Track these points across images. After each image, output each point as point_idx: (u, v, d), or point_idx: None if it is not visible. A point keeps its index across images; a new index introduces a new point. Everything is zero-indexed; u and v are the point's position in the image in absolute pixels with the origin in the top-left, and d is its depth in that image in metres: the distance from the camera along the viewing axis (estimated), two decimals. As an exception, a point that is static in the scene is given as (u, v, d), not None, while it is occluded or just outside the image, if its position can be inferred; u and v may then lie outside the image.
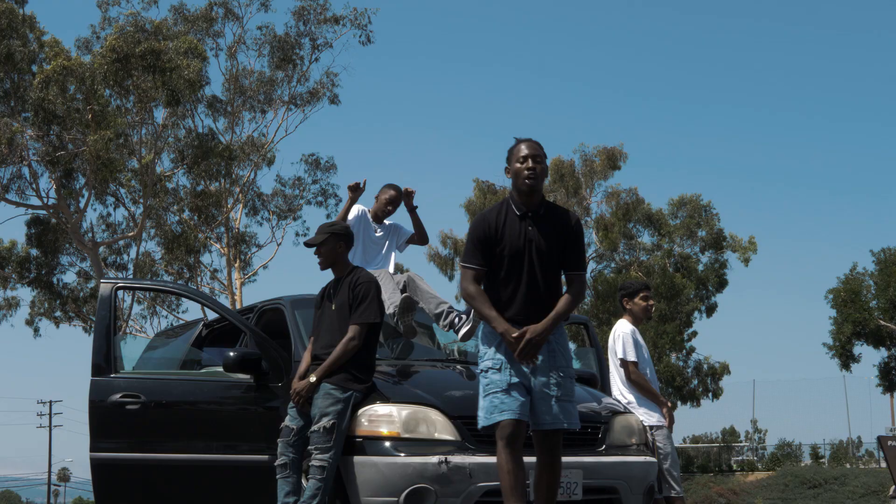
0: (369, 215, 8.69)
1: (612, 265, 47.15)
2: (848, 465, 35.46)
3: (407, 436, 6.74)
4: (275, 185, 36.99)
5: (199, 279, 34.50)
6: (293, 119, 36.11)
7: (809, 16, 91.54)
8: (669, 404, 8.45)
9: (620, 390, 8.39)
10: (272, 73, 35.17)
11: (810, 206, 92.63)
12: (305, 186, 36.64)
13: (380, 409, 6.85)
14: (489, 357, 5.96)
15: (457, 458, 6.56)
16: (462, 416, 6.71)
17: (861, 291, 38.33)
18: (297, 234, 37.49)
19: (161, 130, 29.88)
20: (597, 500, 6.99)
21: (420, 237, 8.88)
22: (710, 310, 46.07)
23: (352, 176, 78.92)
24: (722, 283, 46.25)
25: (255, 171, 34.80)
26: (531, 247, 5.96)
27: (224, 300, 36.54)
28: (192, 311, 33.10)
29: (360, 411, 6.90)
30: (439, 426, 6.74)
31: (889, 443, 19.20)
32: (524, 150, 6.04)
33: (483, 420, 5.93)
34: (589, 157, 44.16)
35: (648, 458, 7.43)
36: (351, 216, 8.57)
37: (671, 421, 8.42)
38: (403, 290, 8.27)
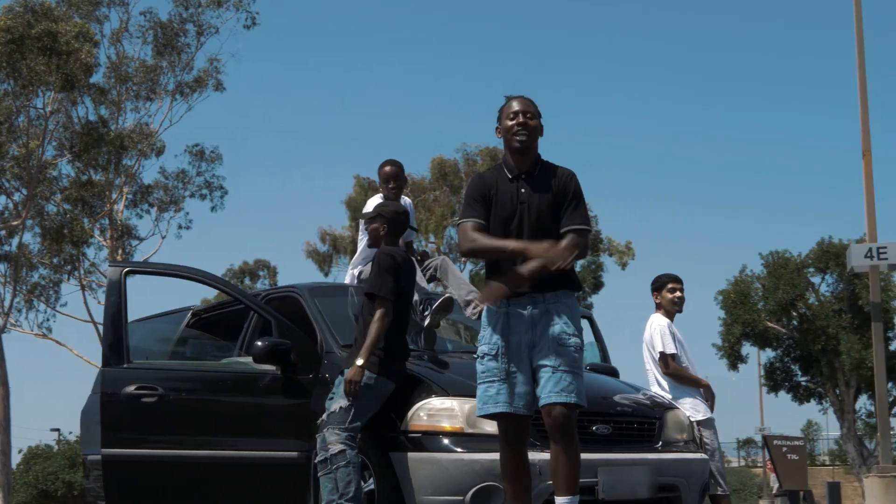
0: None
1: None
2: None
3: (471, 431, 6.40)
4: (156, 177, 35.85)
5: (79, 272, 33.21)
6: (178, 109, 34.95)
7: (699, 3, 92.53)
8: (707, 383, 8.29)
9: (661, 384, 8.19)
10: (156, 60, 34.00)
11: (696, 209, 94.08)
12: (190, 178, 35.51)
13: (437, 402, 6.48)
14: (486, 342, 5.58)
15: None
16: None
17: (750, 293, 39.17)
18: (179, 227, 36.33)
19: (49, 116, 28.54)
20: (657, 499, 6.75)
21: None
22: (586, 311, 46.52)
23: (237, 167, 77.84)
24: (598, 285, 46.72)
25: (140, 161, 33.61)
26: (523, 209, 5.55)
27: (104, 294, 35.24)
28: (71, 305, 31.77)
29: (417, 405, 6.51)
30: None
31: (775, 442, 19.69)
32: (515, 105, 5.66)
33: (477, 410, 5.61)
34: (471, 156, 44.14)
35: (703, 455, 7.26)
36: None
37: (712, 397, 8.30)
38: (434, 274, 7.97)
